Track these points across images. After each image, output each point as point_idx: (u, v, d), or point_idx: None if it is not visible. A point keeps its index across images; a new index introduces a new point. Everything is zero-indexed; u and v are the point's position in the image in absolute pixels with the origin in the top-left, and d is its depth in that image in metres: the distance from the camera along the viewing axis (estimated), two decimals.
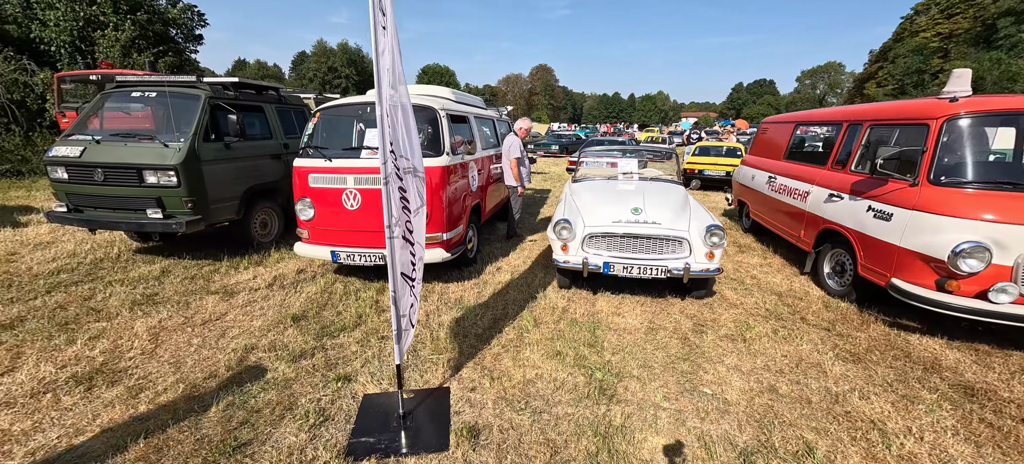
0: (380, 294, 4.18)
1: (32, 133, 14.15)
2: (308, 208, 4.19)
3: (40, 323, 3.48)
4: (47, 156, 4.64)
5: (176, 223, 4.48)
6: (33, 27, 15.81)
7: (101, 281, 4.40)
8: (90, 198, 4.65)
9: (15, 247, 5.45)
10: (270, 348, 3.17)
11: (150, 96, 4.93)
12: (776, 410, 2.60)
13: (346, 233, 4.12)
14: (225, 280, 4.53)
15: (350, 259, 4.09)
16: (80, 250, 5.38)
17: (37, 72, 14.31)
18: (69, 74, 9.31)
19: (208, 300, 3.99)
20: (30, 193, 9.39)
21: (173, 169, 4.44)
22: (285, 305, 3.93)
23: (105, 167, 4.48)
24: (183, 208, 4.58)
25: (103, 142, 4.60)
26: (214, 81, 5.15)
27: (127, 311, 3.73)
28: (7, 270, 4.63)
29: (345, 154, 4.14)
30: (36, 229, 6.33)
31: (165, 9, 18.77)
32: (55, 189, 4.76)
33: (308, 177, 4.12)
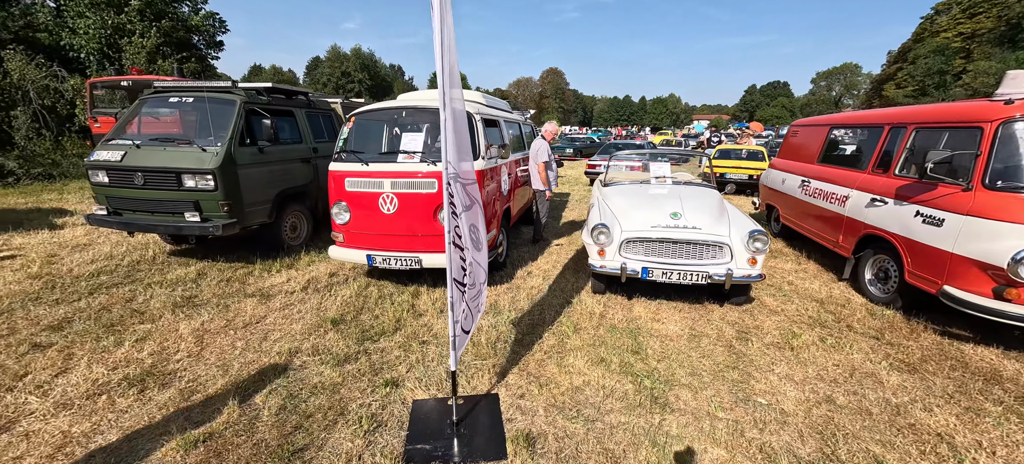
0: (415, 298, 4.17)
1: (61, 138, 14.55)
2: (344, 212, 4.21)
3: (87, 324, 3.53)
4: (88, 160, 4.74)
5: (213, 226, 4.53)
6: (63, 35, 16.28)
7: (140, 283, 4.47)
8: (129, 201, 4.74)
9: (54, 249, 5.58)
10: (313, 352, 3.18)
11: (187, 101, 5.01)
12: (837, 422, 2.52)
13: (382, 237, 4.13)
14: (260, 283, 4.57)
15: (386, 263, 4.09)
16: (116, 252, 5.48)
17: (67, 79, 14.72)
18: (101, 80, 9.55)
19: (246, 303, 4.02)
20: (62, 196, 9.62)
21: (211, 173, 4.50)
22: (322, 308, 3.94)
23: (145, 171, 4.56)
24: (219, 211, 4.64)
25: (143, 147, 4.69)
26: (248, 86, 5.22)
27: (169, 313, 3.77)
28: (49, 272, 4.73)
29: (381, 158, 4.15)
30: (72, 231, 6.47)
31: (188, 16, 19.19)
32: (95, 193, 4.86)
33: (344, 181, 4.14)
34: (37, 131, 13.98)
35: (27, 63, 13.92)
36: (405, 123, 4.34)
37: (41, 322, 3.55)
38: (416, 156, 4.03)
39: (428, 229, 4.02)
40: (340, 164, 4.23)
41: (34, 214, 7.58)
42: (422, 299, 4.15)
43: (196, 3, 19.77)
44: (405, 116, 4.41)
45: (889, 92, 51.96)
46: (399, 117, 4.42)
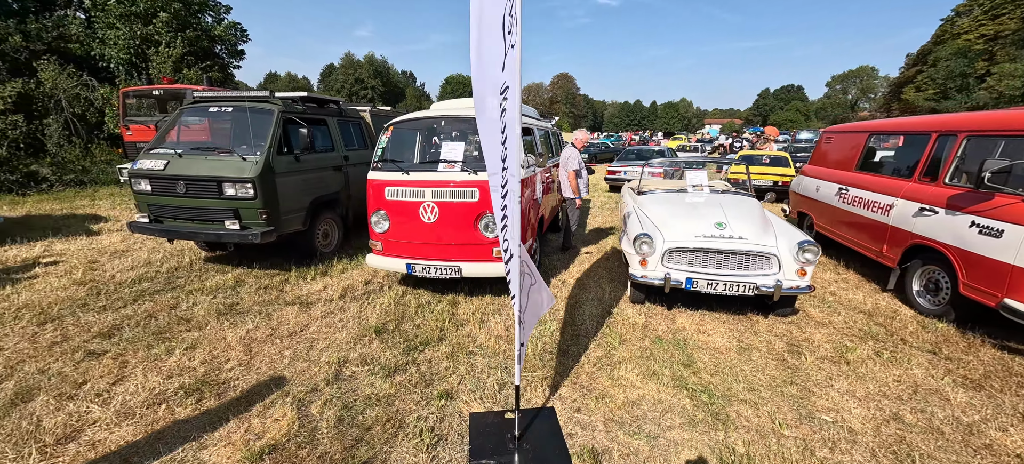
0: (453, 307, 4.16)
1: (91, 145, 14.95)
2: (383, 220, 4.23)
3: (136, 332, 3.58)
4: (132, 168, 4.84)
5: (252, 234, 4.58)
6: (94, 45, 16.77)
7: (181, 290, 4.53)
8: (171, 209, 4.82)
9: (95, 255, 5.69)
10: (361, 362, 3.17)
11: (226, 111, 5.09)
12: (909, 441, 2.43)
13: (422, 246, 4.12)
14: (297, 290, 4.60)
15: (425, 271, 4.09)
16: (154, 258, 5.58)
17: (97, 87, 15.13)
18: (134, 90, 9.79)
19: (287, 311, 4.04)
20: (94, 202, 9.85)
21: (250, 182, 4.56)
22: (363, 317, 3.94)
23: (187, 180, 4.63)
24: (258, 219, 4.69)
25: (185, 156, 4.77)
26: (284, 96, 5.29)
27: (214, 321, 3.81)
28: (93, 278, 4.82)
29: (422, 167, 4.17)
30: (108, 237, 6.61)
31: (211, 27, 19.64)
32: (137, 201, 4.95)
33: (384, 190, 4.15)
34: (68, 138, 14.39)
35: (59, 72, 14.36)
36: (445, 132, 4.34)
37: (92, 329, 3.61)
38: (456, 165, 4.03)
39: (469, 238, 4.02)
40: (379, 173, 4.25)
41: (70, 220, 7.77)
42: (461, 308, 4.14)
43: (219, 13, 20.23)
44: (444, 125, 4.42)
45: (908, 95, 50.94)
46: (438, 126, 4.42)
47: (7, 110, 11.79)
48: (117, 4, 16.40)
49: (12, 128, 11.84)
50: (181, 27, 17.46)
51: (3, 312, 3.89)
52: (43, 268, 5.16)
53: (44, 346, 3.31)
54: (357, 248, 6.21)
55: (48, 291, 4.43)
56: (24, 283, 4.65)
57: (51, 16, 17.78)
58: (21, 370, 2.98)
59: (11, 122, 11.84)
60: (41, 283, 4.65)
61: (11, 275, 4.91)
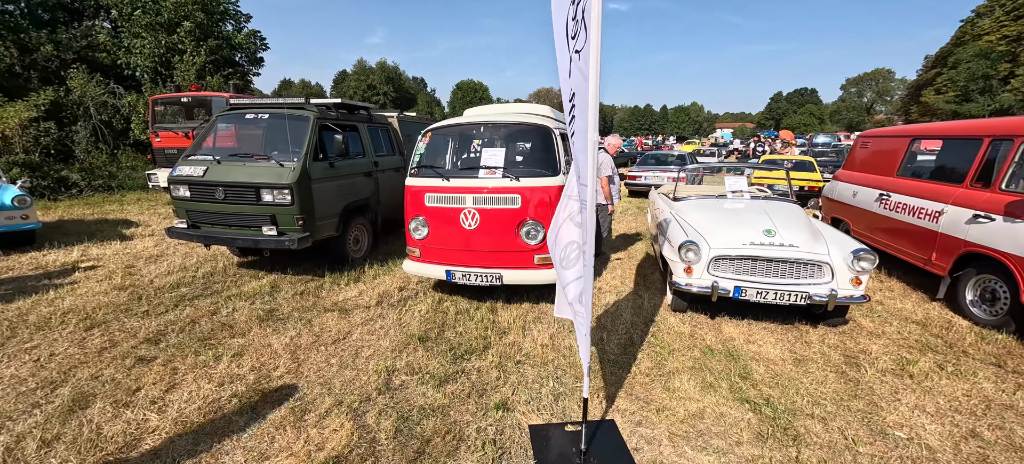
0: (492, 314, 4.11)
1: (117, 151, 15.29)
2: (422, 227, 4.20)
3: (181, 338, 3.60)
4: (172, 175, 4.90)
5: (289, 240, 4.60)
6: (120, 54, 17.17)
7: (220, 295, 4.55)
8: (209, 215, 4.86)
9: (130, 259, 5.77)
10: (409, 371, 3.14)
11: (262, 118, 5.14)
12: (991, 459, 2.31)
13: (461, 252, 4.09)
14: (333, 296, 4.60)
15: (465, 278, 4.05)
16: (188, 263, 5.63)
17: (124, 95, 15.48)
18: (163, 97, 9.97)
19: (327, 318, 4.03)
20: (123, 207, 10.03)
21: (288, 187, 4.58)
22: (403, 324, 3.92)
23: (226, 186, 4.67)
24: (294, 225, 4.70)
25: (223, 162, 4.82)
26: (319, 102, 5.33)
27: (257, 327, 3.81)
28: (132, 283, 4.87)
29: (463, 173, 4.14)
30: (141, 242, 6.70)
31: (232, 35, 19.98)
32: (176, 206, 5.00)
33: (424, 196, 4.13)
34: (95, 145, 14.73)
35: (88, 80, 14.72)
36: (485, 138, 4.32)
37: (138, 335, 3.64)
38: (497, 171, 4.00)
39: (510, 245, 3.97)
40: (418, 179, 4.24)
41: (103, 225, 7.91)
42: (501, 316, 4.09)
43: (239, 22, 20.59)
44: (483, 131, 4.39)
45: (928, 98, 49.93)
46: (476, 132, 4.40)
47: (40, 117, 12.11)
48: (143, 14, 16.77)
49: (45, 134, 12.17)
50: (203, 36, 17.78)
51: (50, 316, 3.94)
52: (82, 272, 5.24)
53: (94, 351, 3.34)
54: (386, 254, 6.21)
55: (90, 296, 4.48)
56: (66, 287, 4.71)
57: (80, 26, 18.27)
58: (75, 376, 3.00)
59: (44, 129, 12.18)
60: (83, 287, 4.71)
61: (53, 279, 4.99)
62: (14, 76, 14.69)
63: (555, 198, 3.94)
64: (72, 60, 15.96)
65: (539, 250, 3.97)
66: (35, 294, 4.48)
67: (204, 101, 10.06)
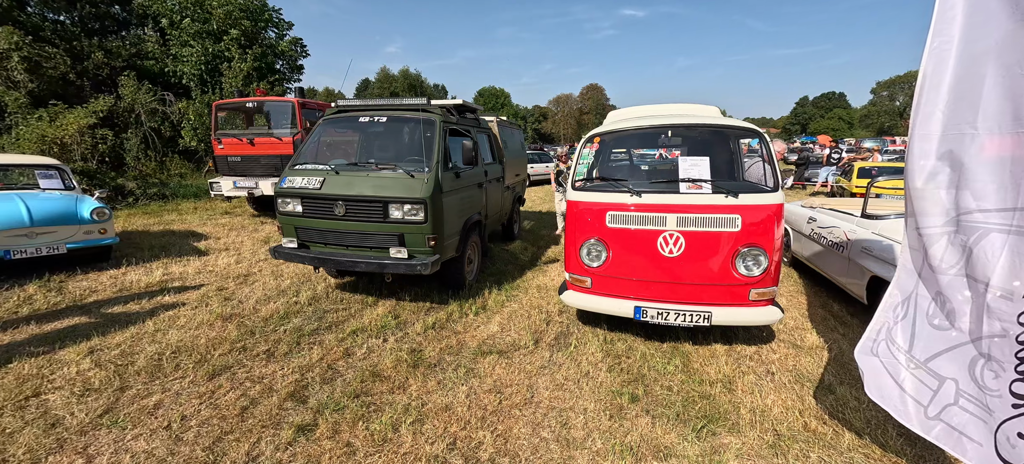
0: (685, 361, 3.29)
1: (165, 159, 15.05)
2: (599, 252, 3.42)
3: (331, 393, 2.88)
4: (279, 187, 4.24)
5: (421, 263, 3.88)
6: (167, 62, 17.06)
7: (341, 329, 3.84)
8: (324, 234, 4.17)
9: (218, 280, 5.14)
10: (657, 454, 2.34)
11: (379, 121, 4.46)
12: None
13: (655, 285, 3.29)
14: (472, 332, 3.85)
15: (661, 317, 3.24)
16: (284, 285, 4.97)
17: (174, 102, 15.27)
18: (227, 102, 9.50)
19: (488, 365, 3.28)
20: (182, 217, 9.58)
21: (421, 202, 3.87)
22: (587, 374, 3.13)
23: (348, 200, 3.98)
24: (425, 246, 3.99)
25: (342, 172, 4.14)
26: (441, 104, 4.64)
27: (410, 375, 3.08)
28: (234, 311, 4.21)
29: (657, 188, 3.35)
30: (218, 258, 6.10)
31: (275, 42, 19.80)
32: (283, 223, 4.34)
33: (605, 216, 3.35)
34: (144, 152, 14.50)
35: (138, 88, 14.54)
36: (671, 145, 3.53)
37: (274, 387, 2.93)
38: (704, 186, 3.20)
39: (722, 276, 3.16)
40: (591, 195, 3.47)
41: (171, 238, 7.38)
42: (701, 363, 3.26)
43: (282, 30, 20.43)
44: (670, 137, 3.60)
45: None
46: (666, 138, 3.60)
47: (97, 124, 11.85)
48: (192, 23, 16.65)
49: (102, 141, 11.90)
50: (249, 43, 17.59)
51: (159, 357, 3.28)
52: (172, 295, 4.62)
53: (233, 413, 2.63)
54: (493, 275, 5.47)
55: (194, 327, 3.83)
56: (162, 316, 4.08)
57: (128, 34, 18.30)
58: (228, 455, 2.29)
59: (100, 136, 11.91)
60: (182, 316, 4.06)
61: (141, 303, 4.37)
62: (68, 84, 14.59)
63: (776, 218, 3.12)
64: (122, 68, 15.85)
65: (758, 283, 3.14)
66: (131, 325, 3.85)
67: (263, 107, 9.55)
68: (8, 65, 12.77)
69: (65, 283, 4.94)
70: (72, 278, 5.11)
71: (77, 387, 2.89)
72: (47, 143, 10.64)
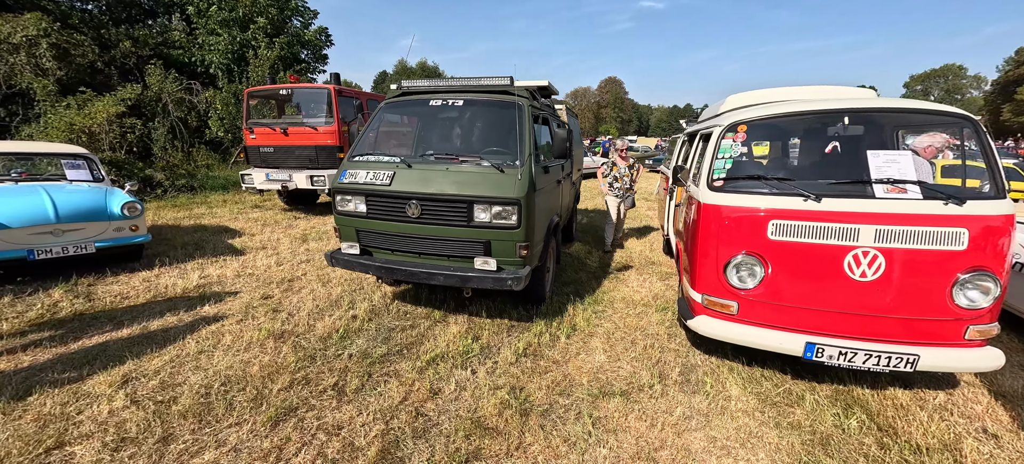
0: (901, 422, 2.53)
1: (192, 149, 14.69)
2: (753, 270, 2.68)
3: (429, 457, 2.21)
4: (337, 184, 3.58)
5: (512, 278, 3.18)
6: (194, 51, 16.70)
7: (415, 353, 3.19)
8: (392, 239, 3.51)
9: (262, 286, 4.54)
10: None
11: (454, 105, 3.76)
12: None
13: (838, 316, 2.54)
14: (575, 362, 3.16)
15: (845, 358, 2.49)
16: (334, 293, 4.35)
17: (201, 92, 14.89)
18: (259, 89, 8.95)
19: (613, 410, 2.58)
20: (212, 210, 9.10)
21: (515, 204, 3.17)
22: (763, 437, 2.40)
23: (424, 199, 3.30)
24: (515, 256, 3.30)
25: (415, 166, 3.46)
26: (525, 85, 3.92)
27: (528, 429, 2.40)
28: (286, 328, 3.59)
29: (842, 191, 2.58)
30: (255, 257, 5.52)
31: (300, 31, 19.33)
32: (341, 225, 3.69)
33: (767, 225, 2.61)
34: (171, 142, 14.15)
35: (165, 77, 14.17)
36: (845, 136, 2.75)
37: (356, 444, 2.28)
38: (908, 189, 2.43)
39: (932, 309, 2.39)
40: (740, 197, 2.72)
41: (203, 234, 6.85)
42: (892, 420, 2.51)
43: (307, 19, 19.94)
44: (846, 125, 2.81)
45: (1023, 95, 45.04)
46: (839, 128, 2.81)
47: (125, 113, 11.47)
48: (218, 11, 16.24)
49: (130, 130, 11.53)
50: (275, 32, 17.13)
51: (207, 390, 2.67)
52: (212, 305, 4.03)
53: None
54: (566, 284, 4.77)
55: (243, 349, 3.21)
56: (205, 331, 3.48)
57: (155, 22, 18.01)
58: None
59: (129, 125, 11.53)
60: (227, 333, 3.46)
61: (180, 314, 3.78)
62: (96, 72, 14.30)
63: (1009, 233, 2.33)
64: (149, 56, 15.53)
65: (980, 318, 2.37)
66: (169, 343, 3.26)
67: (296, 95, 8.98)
68: (37, 52, 12.49)
69: (94, 287, 4.40)
70: (101, 281, 4.57)
71: (110, 434, 2.29)
72: (75, 132, 10.27)
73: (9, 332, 3.38)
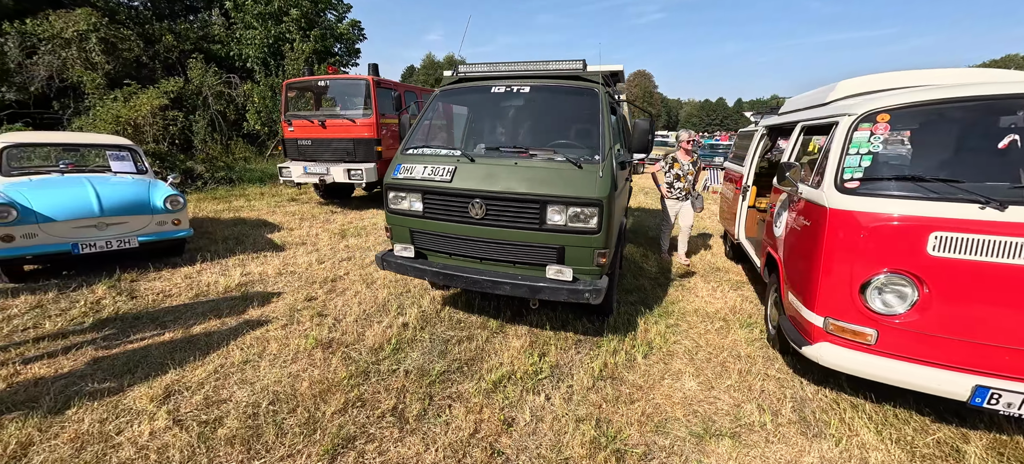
0: None
1: (230, 142, 14.88)
2: (904, 292, 2.17)
3: None
4: (392, 178, 3.24)
5: (589, 290, 2.76)
6: (231, 45, 16.95)
7: (479, 374, 2.83)
8: (452, 242, 3.15)
9: (305, 287, 4.29)
10: None
11: (521, 92, 3.36)
12: None
13: (1014, 353, 2.01)
14: (662, 389, 2.73)
15: None
16: (380, 296, 4.05)
17: (239, 85, 15.06)
18: (298, 81, 8.82)
19: (722, 450, 2.14)
20: (250, 202, 9.06)
21: (597, 205, 2.75)
22: None
23: (492, 198, 2.92)
24: (592, 264, 2.88)
25: (478, 160, 3.08)
26: (598, 70, 3.48)
27: None
28: (334, 337, 3.30)
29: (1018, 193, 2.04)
30: (296, 254, 5.31)
31: (334, 24, 19.37)
32: (393, 224, 3.36)
33: (926, 237, 2.09)
34: (211, 135, 14.36)
35: (206, 71, 14.37)
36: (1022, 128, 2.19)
37: None
38: None
39: None
40: (892, 202, 2.21)
41: (243, 228, 6.73)
42: None
43: (340, 12, 19.96)
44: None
45: None
46: (1020, 121, 2.24)
47: (168, 106, 11.64)
48: (254, 4, 16.39)
49: (173, 123, 11.70)
50: (309, 25, 17.19)
51: (255, 409, 2.38)
52: (255, 307, 3.79)
53: None
54: (627, 292, 4.31)
55: (290, 360, 2.93)
56: (249, 337, 3.22)
57: (196, 17, 18.38)
58: None
59: (171, 117, 11.70)
60: (273, 340, 3.19)
61: (222, 318, 3.55)
62: (141, 66, 14.67)
63: None
64: (190, 51, 15.83)
65: None
66: (212, 351, 3.02)
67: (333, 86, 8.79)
68: (87, 46, 12.84)
69: (137, 283, 4.25)
70: (144, 276, 4.43)
71: (151, 461, 2.01)
72: (121, 124, 10.46)
73: (51, 332, 3.22)
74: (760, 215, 5.06)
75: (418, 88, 9.95)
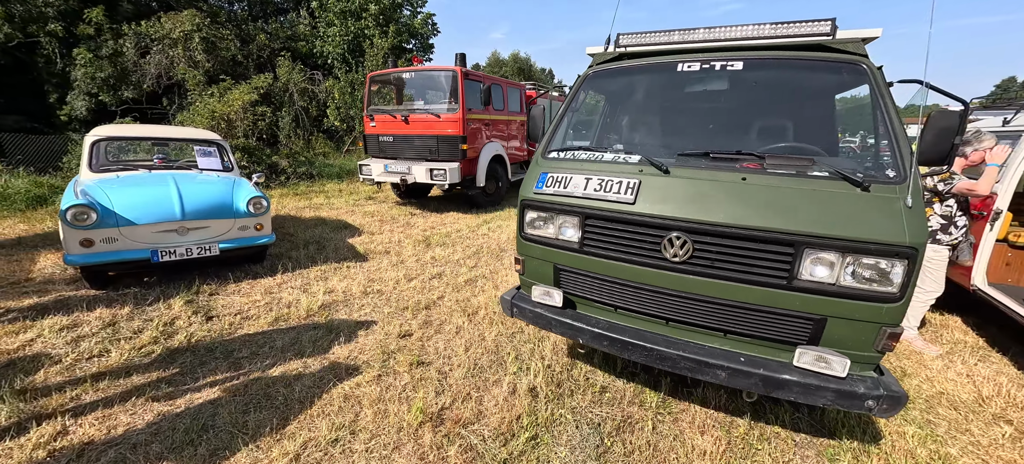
0: None
1: (312, 137, 15.14)
2: None
3: None
4: (535, 192, 2.29)
5: (873, 398, 1.62)
6: (316, 44, 17.37)
7: None
8: (629, 293, 2.12)
9: (396, 313, 3.51)
10: None
11: (729, 69, 2.26)
12: None
13: None
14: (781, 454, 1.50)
15: None
16: (492, 338, 3.14)
17: (321, 81, 15.29)
18: (381, 73, 8.34)
19: None
20: (329, 200, 8.76)
21: (906, 254, 1.59)
22: None
23: (705, 232, 1.85)
24: (870, 351, 1.72)
25: (675, 172, 2.03)
26: (849, 37, 2.28)
27: None
28: (442, 403, 2.43)
29: None
30: (380, 265, 4.61)
31: (409, 20, 19.28)
32: (529, 256, 2.40)
33: None
34: (294, 130, 14.68)
35: (292, 68, 14.70)
36: None
37: None
38: None
39: None
40: None
41: (323, 230, 6.25)
42: None
43: (416, 7, 19.85)
44: None
45: None
46: None
47: (257, 101, 11.88)
48: (336, 2, 16.61)
49: (261, 118, 11.93)
50: (387, 21, 17.14)
51: None
52: (342, 344, 3.05)
53: None
54: None
55: (392, 447, 2.09)
56: (337, 394, 2.45)
57: (285, 17, 19.14)
58: None
59: (260, 112, 11.94)
60: (366, 404, 2.38)
61: (304, 359, 2.83)
62: (237, 64, 15.37)
63: None
64: (279, 49, 16.39)
65: None
66: (293, 416, 2.26)
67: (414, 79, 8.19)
68: (190, 45, 13.54)
69: (214, 298, 3.72)
70: (223, 289, 3.91)
71: None
72: (216, 118, 10.76)
73: (115, 366, 2.66)
74: (1016, 253, 3.54)
75: (506, 81, 9.11)
